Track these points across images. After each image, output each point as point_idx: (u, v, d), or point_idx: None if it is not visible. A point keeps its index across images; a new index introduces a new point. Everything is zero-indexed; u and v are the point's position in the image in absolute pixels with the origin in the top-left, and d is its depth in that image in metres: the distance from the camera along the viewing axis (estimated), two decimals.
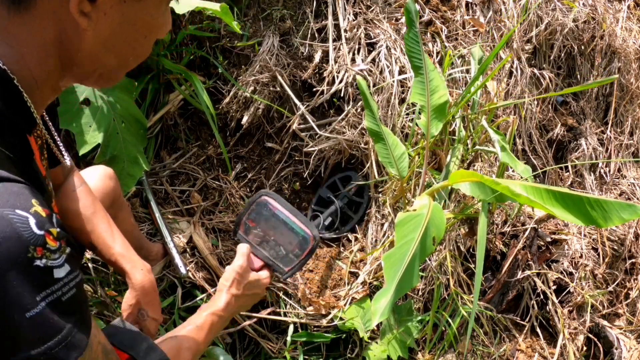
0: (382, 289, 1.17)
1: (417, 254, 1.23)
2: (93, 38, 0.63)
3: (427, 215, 1.31)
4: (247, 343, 1.72)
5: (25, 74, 0.61)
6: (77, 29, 0.61)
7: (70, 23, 0.61)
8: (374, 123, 1.78)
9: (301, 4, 2.20)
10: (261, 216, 1.25)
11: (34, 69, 0.62)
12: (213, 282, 1.72)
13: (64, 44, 0.62)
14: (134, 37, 0.67)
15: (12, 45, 0.59)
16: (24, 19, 0.59)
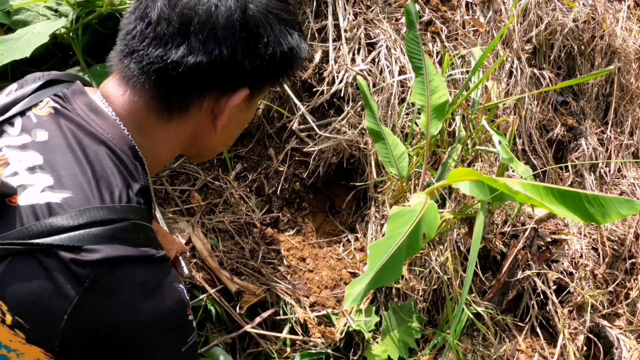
0: (360, 276, 1.17)
1: (404, 248, 1.23)
2: (219, 137, 0.81)
3: (420, 212, 1.31)
4: (247, 343, 1.72)
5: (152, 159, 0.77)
6: (210, 132, 0.79)
7: (207, 128, 0.78)
8: (374, 123, 1.78)
9: (301, 4, 2.20)
10: None
11: (161, 157, 0.79)
12: (213, 282, 1.72)
13: (194, 141, 0.80)
14: (238, 131, 0.91)
15: (149, 140, 0.75)
16: (168, 125, 0.75)
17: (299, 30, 0.79)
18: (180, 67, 0.68)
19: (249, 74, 0.73)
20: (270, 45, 0.73)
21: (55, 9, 1.64)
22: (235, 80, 0.73)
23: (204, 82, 0.72)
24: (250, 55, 0.72)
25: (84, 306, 0.63)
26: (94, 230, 0.63)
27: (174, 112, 0.74)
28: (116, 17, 1.73)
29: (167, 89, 0.71)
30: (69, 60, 1.85)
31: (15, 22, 1.58)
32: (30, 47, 1.35)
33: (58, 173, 0.66)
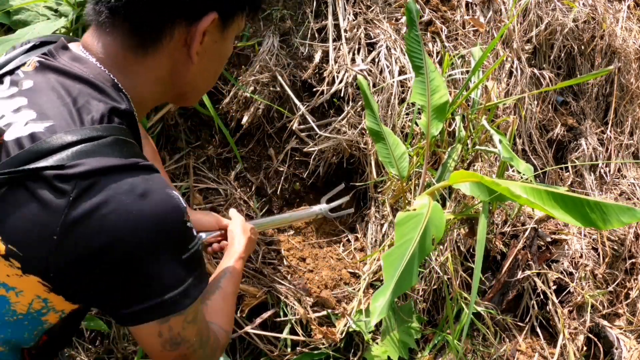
0: (380, 288, 1.17)
1: (416, 254, 1.23)
2: (196, 70, 0.81)
3: (426, 215, 1.31)
4: (247, 344, 1.72)
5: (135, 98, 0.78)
6: (187, 64, 0.80)
7: (182, 60, 0.79)
8: (374, 123, 1.78)
9: (301, 4, 2.20)
10: None
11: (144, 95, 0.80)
12: None
13: (173, 76, 0.81)
14: (218, 66, 0.89)
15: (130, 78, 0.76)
16: (145, 59, 0.76)
17: None
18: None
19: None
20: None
21: (55, 9, 1.64)
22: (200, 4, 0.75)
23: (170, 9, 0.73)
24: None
25: (73, 221, 0.63)
26: (76, 148, 0.64)
27: (148, 46, 0.75)
28: None
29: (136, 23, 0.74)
30: None
31: (15, 22, 1.57)
32: None
33: (41, 107, 0.69)
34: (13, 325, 0.71)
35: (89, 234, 0.64)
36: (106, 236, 0.64)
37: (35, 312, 0.71)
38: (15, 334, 0.72)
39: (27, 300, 0.69)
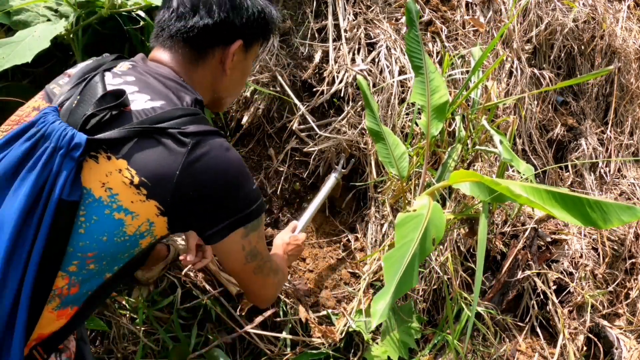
0: (381, 290, 1.17)
1: (417, 254, 1.23)
2: (228, 81, 1.14)
3: (426, 216, 1.31)
4: (247, 344, 1.72)
5: None
6: (222, 76, 1.13)
7: (219, 74, 1.12)
8: (374, 123, 1.78)
9: (301, 4, 2.20)
10: None
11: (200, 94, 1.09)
12: (213, 284, 1.72)
13: (213, 85, 1.14)
14: (242, 78, 1.20)
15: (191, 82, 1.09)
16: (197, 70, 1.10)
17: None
18: (196, 29, 1.06)
19: (240, 29, 1.10)
20: (249, 9, 1.10)
21: (55, 9, 1.64)
22: (231, 34, 1.09)
23: (212, 37, 1.08)
24: (237, 16, 1.09)
25: (189, 162, 0.92)
26: (185, 118, 0.96)
27: (199, 61, 1.09)
28: (116, 19, 1.72)
29: (192, 46, 1.08)
30: (69, 59, 1.85)
31: (16, 23, 1.57)
32: (32, 52, 1.35)
33: (151, 92, 0.99)
34: (117, 245, 0.93)
35: (199, 170, 0.93)
36: (211, 172, 0.95)
37: (140, 234, 0.94)
38: (114, 254, 0.93)
39: (139, 222, 0.93)
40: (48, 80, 1.70)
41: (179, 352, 1.62)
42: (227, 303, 1.70)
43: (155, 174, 0.91)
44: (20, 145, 0.89)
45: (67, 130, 0.88)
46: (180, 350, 1.62)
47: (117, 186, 0.90)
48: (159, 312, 1.67)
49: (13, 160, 0.88)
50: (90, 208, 0.89)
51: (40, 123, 0.90)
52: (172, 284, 1.70)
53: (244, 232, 1.03)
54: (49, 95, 1.01)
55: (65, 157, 0.87)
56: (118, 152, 0.90)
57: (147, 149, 0.91)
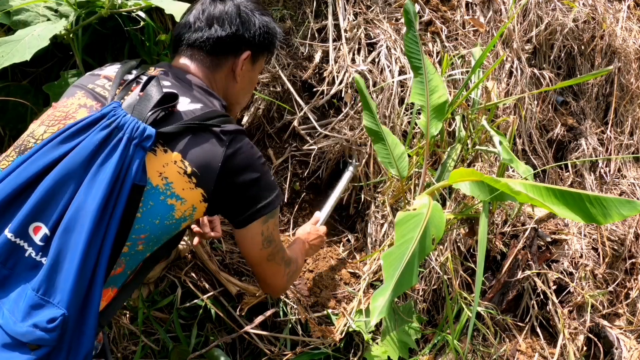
0: (380, 288, 1.17)
1: (416, 253, 1.23)
2: (238, 87, 1.31)
3: (426, 215, 1.31)
4: (247, 344, 1.72)
5: None
6: (233, 83, 1.30)
7: (231, 81, 1.29)
8: (373, 123, 1.78)
9: (301, 4, 2.20)
10: None
11: None
12: (213, 284, 1.72)
13: (226, 91, 1.29)
14: (250, 87, 1.38)
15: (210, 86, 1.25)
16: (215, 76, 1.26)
17: (270, 16, 1.35)
18: (211, 39, 1.23)
19: (248, 41, 1.27)
20: (256, 24, 1.28)
21: (55, 9, 1.64)
22: (241, 45, 1.27)
23: (224, 48, 1.25)
24: (246, 30, 1.26)
25: (228, 155, 1.08)
26: (222, 118, 1.11)
27: (216, 68, 1.26)
28: (116, 19, 1.72)
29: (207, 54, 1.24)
30: (68, 60, 1.85)
31: (16, 23, 1.57)
32: (31, 51, 1.35)
33: (190, 96, 1.14)
34: (165, 227, 1.06)
35: (235, 163, 1.10)
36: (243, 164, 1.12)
37: (184, 218, 1.08)
38: (161, 235, 1.07)
39: (185, 207, 1.07)
40: (47, 80, 1.71)
41: (179, 352, 1.62)
42: (227, 303, 1.70)
43: (204, 165, 1.06)
44: (96, 133, 0.97)
45: (139, 123, 1.00)
46: (180, 350, 1.62)
47: (172, 175, 1.03)
48: (159, 312, 1.67)
49: (90, 146, 0.96)
50: (148, 195, 1.01)
51: (111, 115, 1.00)
52: (172, 284, 1.70)
53: (265, 218, 1.19)
54: (93, 94, 1.11)
55: (137, 146, 0.98)
56: (173, 146, 1.04)
57: (196, 143, 1.06)
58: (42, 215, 0.92)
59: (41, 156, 0.95)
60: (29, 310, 0.87)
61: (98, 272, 0.93)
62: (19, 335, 0.86)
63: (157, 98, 1.04)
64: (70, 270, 0.89)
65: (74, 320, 0.90)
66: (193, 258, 1.74)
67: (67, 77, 1.63)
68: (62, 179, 0.93)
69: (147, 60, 1.85)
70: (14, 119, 1.76)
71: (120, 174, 0.95)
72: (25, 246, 0.91)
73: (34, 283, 0.89)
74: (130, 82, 1.12)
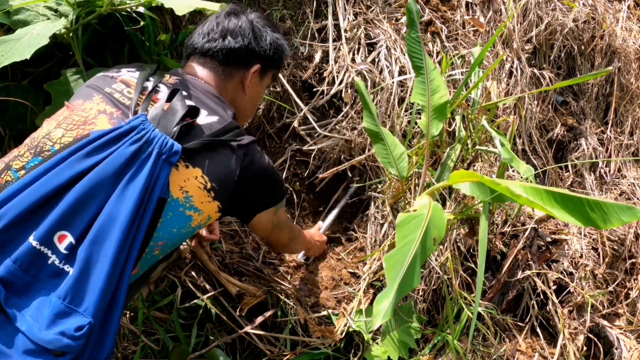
0: (383, 291, 1.17)
1: (418, 255, 1.23)
2: (246, 99, 1.36)
3: (427, 216, 1.31)
4: (247, 344, 1.71)
5: None
6: (242, 95, 1.35)
7: (240, 92, 1.35)
8: (372, 123, 1.78)
9: (301, 4, 2.20)
10: None
11: None
12: (213, 284, 1.72)
13: (234, 102, 1.33)
14: (256, 101, 1.43)
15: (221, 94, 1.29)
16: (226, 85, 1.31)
17: (281, 34, 1.43)
18: (224, 49, 1.28)
19: (259, 54, 1.33)
20: (267, 38, 1.34)
21: (55, 9, 1.63)
22: (252, 58, 1.33)
23: (236, 59, 1.30)
24: (258, 43, 1.32)
25: (243, 168, 1.14)
26: (236, 131, 1.15)
27: (227, 77, 1.31)
28: (116, 17, 1.72)
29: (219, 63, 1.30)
30: (68, 60, 1.85)
31: (15, 22, 1.57)
32: (31, 49, 1.35)
33: (206, 108, 1.17)
34: (182, 235, 1.11)
35: (249, 175, 1.16)
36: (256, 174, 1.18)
37: (199, 226, 1.14)
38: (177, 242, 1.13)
39: (202, 218, 1.13)
40: (47, 80, 1.70)
41: (179, 352, 1.62)
42: (227, 303, 1.70)
43: (221, 180, 1.11)
44: (126, 147, 1.00)
45: (167, 139, 1.03)
46: (180, 350, 1.62)
47: (192, 189, 1.08)
48: (159, 312, 1.67)
49: (120, 159, 0.99)
50: (168, 206, 1.05)
51: (141, 129, 1.03)
52: (172, 284, 1.70)
53: (275, 210, 1.32)
54: (113, 101, 1.13)
55: (165, 161, 1.02)
56: (194, 161, 1.08)
57: (215, 159, 1.10)
58: (69, 224, 0.94)
59: (68, 167, 0.97)
60: (54, 318, 0.88)
61: (123, 281, 0.96)
62: (45, 342, 0.87)
63: (182, 113, 1.07)
64: (98, 280, 0.91)
65: (98, 326, 0.92)
66: (193, 258, 1.74)
67: (67, 76, 1.63)
68: (91, 190, 0.96)
69: (147, 60, 1.85)
70: (14, 119, 1.76)
71: (149, 187, 0.99)
72: (49, 254, 0.93)
73: (60, 291, 0.90)
74: (150, 91, 1.15)
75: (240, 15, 1.34)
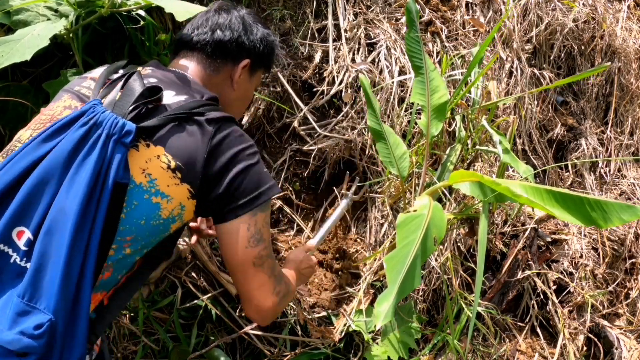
0: (384, 292, 1.17)
1: (419, 255, 1.23)
2: (234, 95, 1.29)
3: (427, 216, 1.31)
4: (247, 344, 1.72)
5: None
6: (230, 91, 1.28)
7: (227, 88, 1.28)
8: (375, 122, 1.78)
9: (301, 4, 2.20)
10: None
11: None
12: (213, 285, 1.72)
13: (221, 96, 1.24)
14: (245, 99, 1.36)
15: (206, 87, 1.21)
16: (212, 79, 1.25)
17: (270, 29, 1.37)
18: (213, 42, 1.23)
19: (249, 49, 1.28)
20: (257, 33, 1.30)
21: (55, 9, 1.63)
22: (241, 52, 1.27)
23: (225, 52, 1.25)
24: (247, 37, 1.28)
25: (214, 145, 1.03)
26: (206, 107, 1.07)
27: (214, 72, 1.25)
28: (116, 18, 1.72)
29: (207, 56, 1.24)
30: (68, 60, 1.85)
31: (16, 22, 1.57)
32: (31, 50, 1.34)
33: (175, 88, 1.11)
34: (152, 228, 1.01)
35: (222, 152, 1.04)
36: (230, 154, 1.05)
37: (172, 218, 1.03)
38: (148, 237, 1.02)
39: (172, 206, 1.02)
40: (47, 80, 1.70)
41: (179, 352, 1.62)
42: (227, 304, 1.70)
43: (187, 158, 1.01)
44: (74, 131, 0.95)
45: (118, 119, 0.96)
46: (180, 350, 1.62)
47: (155, 171, 0.99)
48: (159, 312, 1.67)
49: (68, 145, 0.93)
50: (131, 193, 0.97)
51: (90, 112, 0.97)
52: (172, 284, 1.70)
53: (254, 212, 1.09)
54: (79, 95, 1.09)
55: (117, 143, 0.95)
56: (155, 140, 1.00)
57: (180, 135, 1.02)
58: (24, 218, 0.90)
59: (22, 157, 0.93)
60: (15, 317, 0.84)
61: (85, 275, 0.89)
62: (6, 343, 0.83)
63: (138, 93, 1.01)
64: (54, 275, 0.86)
65: (63, 326, 0.87)
66: (193, 258, 1.74)
67: (67, 75, 1.62)
68: (42, 180, 0.91)
69: (147, 60, 1.85)
70: (14, 119, 1.76)
71: (101, 172, 0.92)
72: (10, 252, 0.89)
73: (19, 289, 0.86)
74: (114, 80, 1.08)
75: (231, 11, 1.30)
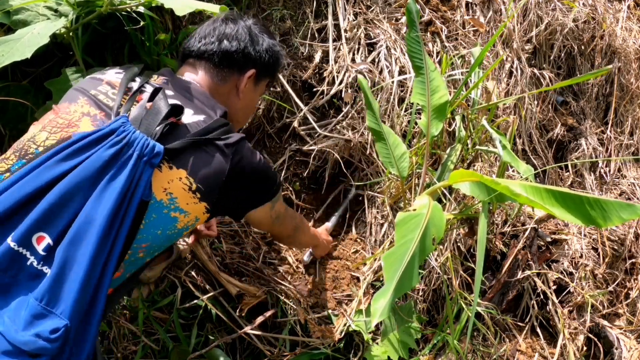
0: (381, 289, 1.17)
1: (417, 254, 1.23)
2: (239, 104, 1.34)
3: (426, 215, 1.31)
4: (247, 344, 1.71)
5: None
6: (236, 100, 1.33)
7: (234, 97, 1.33)
8: (375, 122, 1.78)
9: (301, 4, 2.20)
10: None
11: None
12: (212, 283, 1.72)
13: (228, 105, 1.30)
14: (250, 108, 1.42)
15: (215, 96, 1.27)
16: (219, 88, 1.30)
17: (276, 40, 1.42)
18: (220, 52, 1.28)
19: (255, 59, 1.33)
20: (263, 44, 1.34)
21: (55, 9, 1.63)
22: (247, 62, 1.32)
23: (231, 62, 1.29)
24: (254, 48, 1.32)
25: (233, 167, 1.12)
26: (223, 129, 1.13)
27: (220, 81, 1.30)
28: (116, 17, 1.72)
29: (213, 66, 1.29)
30: (68, 60, 1.85)
31: (15, 22, 1.57)
32: (31, 49, 1.35)
33: (192, 107, 1.16)
34: (167, 237, 1.09)
35: (239, 173, 1.14)
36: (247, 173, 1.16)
37: (186, 227, 1.12)
38: (162, 244, 1.10)
39: (188, 219, 1.10)
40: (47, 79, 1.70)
41: (179, 352, 1.62)
42: (227, 303, 1.70)
43: (208, 181, 1.09)
44: (105, 149, 0.99)
45: (149, 141, 1.02)
46: (180, 350, 1.62)
47: (177, 191, 1.06)
48: (159, 312, 1.67)
49: (99, 162, 0.98)
50: (152, 208, 1.04)
51: (121, 131, 1.02)
52: (172, 284, 1.70)
53: (271, 205, 1.30)
54: (96, 102, 1.12)
55: (146, 163, 1.01)
56: (178, 162, 1.06)
57: (201, 159, 1.08)
58: (47, 226, 0.93)
59: (47, 169, 0.96)
60: (30, 319, 0.88)
61: (103, 283, 0.95)
62: (20, 343, 0.87)
63: (164, 113, 1.06)
64: (75, 282, 0.90)
65: (76, 330, 0.91)
66: (193, 258, 1.74)
67: (68, 74, 1.63)
68: (70, 192, 0.95)
69: (147, 60, 1.85)
70: (14, 119, 1.76)
71: (129, 190, 0.98)
72: (28, 255, 0.92)
73: (37, 292, 0.90)
74: (135, 91, 1.13)
75: (238, 21, 1.34)
